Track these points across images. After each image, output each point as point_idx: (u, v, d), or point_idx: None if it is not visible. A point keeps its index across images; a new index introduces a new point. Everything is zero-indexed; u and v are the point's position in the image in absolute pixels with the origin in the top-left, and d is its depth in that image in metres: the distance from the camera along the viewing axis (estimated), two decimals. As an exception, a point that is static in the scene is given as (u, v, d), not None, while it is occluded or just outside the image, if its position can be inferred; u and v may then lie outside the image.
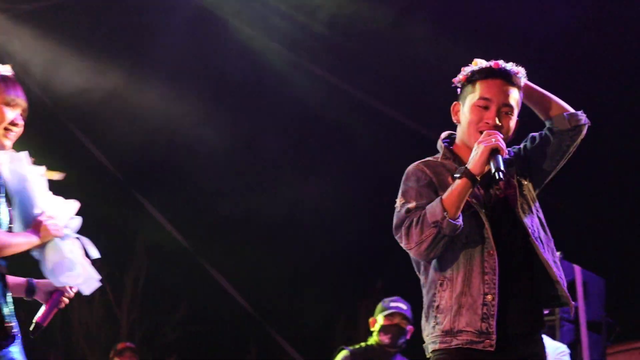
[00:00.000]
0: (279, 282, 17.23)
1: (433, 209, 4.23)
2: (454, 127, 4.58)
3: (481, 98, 4.44)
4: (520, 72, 4.51)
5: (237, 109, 14.23)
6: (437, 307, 4.31)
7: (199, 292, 17.55)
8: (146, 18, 12.81)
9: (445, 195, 4.24)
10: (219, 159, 14.66)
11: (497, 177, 4.19)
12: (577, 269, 8.66)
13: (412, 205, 4.35)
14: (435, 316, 4.31)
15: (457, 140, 4.58)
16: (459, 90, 4.57)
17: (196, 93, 13.43)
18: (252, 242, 17.27)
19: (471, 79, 4.50)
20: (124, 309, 18.50)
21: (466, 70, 4.52)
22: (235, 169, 15.40)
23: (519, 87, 4.51)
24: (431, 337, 4.34)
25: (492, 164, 4.22)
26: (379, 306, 7.81)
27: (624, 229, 14.12)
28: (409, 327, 7.71)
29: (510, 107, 4.45)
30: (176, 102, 13.13)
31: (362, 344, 7.77)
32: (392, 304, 7.72)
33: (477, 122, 4.44)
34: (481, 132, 4.39)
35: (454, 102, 4.57)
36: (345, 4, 11.85)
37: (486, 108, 4.44)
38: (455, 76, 4.61)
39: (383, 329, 7.65)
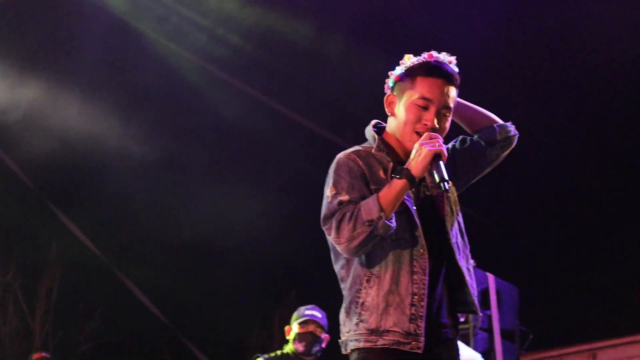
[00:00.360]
0: (193, 292, 17.12)
1: (369, 206, 4.10)
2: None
3: (421, 98, 4.29)
4: (453, 61, 4.37)
5: (156, 122, 14.13)
6: (362, 304, 4.17)
7: (113, 302, 17.39)
8: (63, 31, 12.69)
9: (382, 194, 4.11)
10: (137, 171, 14.54)
11: (442, 188, 4.09)
12: (491, 277, 8.73)
13: (344, 197, 4.20)
14: (360, 313, 4.16)
15: (389, 132, 4.43)
16: (388, 83, 4.40)
17: (114, 105, 13.31)
18: (166, 253, 17.15)
19: (410, 74, 4.33)
20: (37, 320, 18.25)
21: (405, 63, 4.35)
22: (152, 181, 15.27)
23: (457, 86, 4.37)
24: (353, 334, 4.17)
25: (435, 174, 4.10)
26: (294, 315, 7.80)
27: (536, 238, 14.30)
28: (324, 335, 7.71)
29: (449, 108, 4.32)
30: (94, 114, 13.00)
31: (278, 352, 7.75)
32: (307, 312, 7.71)
33: (415, 122, 4.29)
34: (418, 133, 4.26)
35: (388, 93, 4.40)
36: (263, 18, 11.84)
37: (425, 108, 4.28)
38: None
39: (298, 337, 7.64)
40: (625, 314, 13.98)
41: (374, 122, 4.51)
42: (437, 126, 4.26)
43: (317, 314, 7.73)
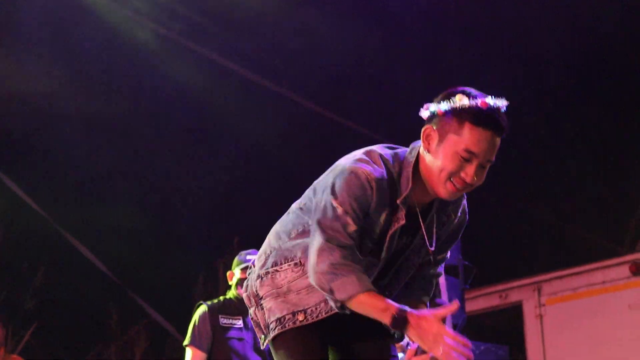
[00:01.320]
0: (137, 245, 16.94)
1: (347, 286, 3.88)
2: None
3: (466, 150, 3.91)
4: (504, 107, 3.96)
5: (99, 81, 13.87)
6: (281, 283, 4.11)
7: (57, 259, 17.14)
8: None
9: (364, 297, 3.84)
10: (79, 130, 14.30)
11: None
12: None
13: (352, 228, 3.95)
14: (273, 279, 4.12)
15: (422, 165, 4.05)
16: (429, 111, 4.00)
17: (55, 66, 13.02)
18: (108, 205, 16.92)
19: (459, 116, 3.92)
20: (-22, 279, 17.94)
21: (454, 101, 3.92)
22: (96, 139, 15.04)
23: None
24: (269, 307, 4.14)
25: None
26: (236, 260, 7.62)
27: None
28: None
29: (492, 161, 4.00)
30: (34, 74, 12.70)
31: (221, 297, 7.59)
32: (249, 257, 7.50)
33: (454, 173, 3.94)
34: (451, 182, 3.95)
35: (426, 126, 3.99)
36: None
37: (468, 160, 3.93)
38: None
39: (240, 283, 7.45)
40: (568, 246, 13.98)
41: (417, 144, 4.12)
42: (475, 180, 3.97)
43: None
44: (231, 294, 7.57)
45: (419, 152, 4.06)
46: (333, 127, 14.45)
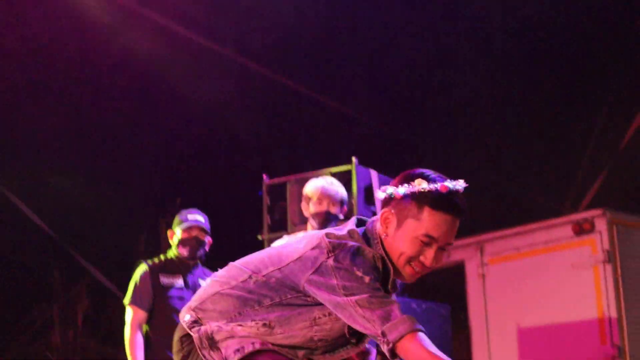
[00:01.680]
0: (79, 204, 16.72)
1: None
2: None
3: (427, 235, 3.87)
4: (463, 188, 3.92)
5: (39, 45, 13.63)
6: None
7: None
8: None
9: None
10: (21, 90, 14.07)
11: None
12: (374, 173, 8.46)
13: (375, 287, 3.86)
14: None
15: (384, 246, 3.96)
16: (386, 193, 3.91)
17: (2, 31, 12.76)
18: (50, 165, 16.65)
19: (418, 200, 3.86)
20: None
21: (413, 185, 3.85)
22: (37, 99, 14.78)
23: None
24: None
25: None
26: (176, 219, 7.57)
27: (417, 133, 14.14)
28: (207, 239, 7.51)
29: (452, 243, 3.97)
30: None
31: (162, 256, 7.53)
32: (190, 217, 7.48)
33: (414, 258, 3.90)
34: (410, 266, 3.90)
35: (384, 209, 3.90)
36: None
37: (428, 244, 3.88)
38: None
39: (181, 242, 7.43)
40: (511, 206, 13.94)
41: (356, 220, 4.08)
42: (434, 264, 3.92)
43: (200, 218, 7.50)
44: (172, 253, 7.50)
45: (380, 236, 3.99)
46: (279, 89, 14.32)
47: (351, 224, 4.07)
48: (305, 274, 3.95)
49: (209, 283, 4.16)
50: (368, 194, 8.44)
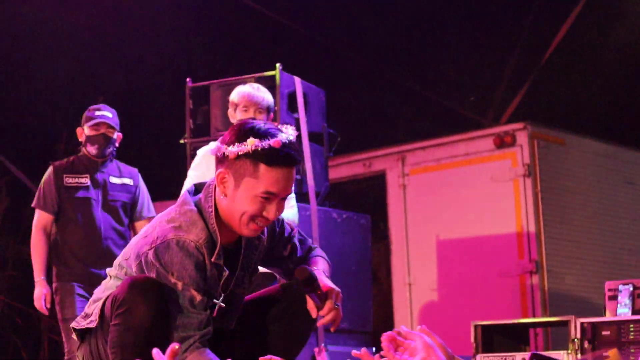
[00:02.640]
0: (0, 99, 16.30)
1: None
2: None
3: (266, 192, 3.82)
4: (294, 137, 3.91)
5: None
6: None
7: None
8: None
9: None
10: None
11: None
12: (297, 80, 8.22)
13: (199, 298, 3.89)
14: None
15: (220, 211, 3.95)
16: (220, 154, 3.85)
17: None
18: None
19: (253, 158, 3.79)
20: None
21: (245, 145, 3.78)
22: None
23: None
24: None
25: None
26: (84, 116, 7.25)
27: (343, 41, 13.88)
28: (117, 135, 7.24)
29: (290, 192, 3.98)
30: None
31: (72, 157, 7.28)
32: (97, 113, 7.17)
33: (256, 215, 3.87)
34: (254, 222, 3.89)
35: (220, 170, 3.85)
36: None
37: (268, 200, 3.84)
38: None
39: (89, 140, 7.14)
40: (432, 116, 13.82)
41: (191, 187, 4.07)
42: (277, 215, 3.94)
43: (108, 113, 7.21)
44: (81, 152, 7.25)
45: (214, 197, 3.96)
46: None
47: (187, 197, 4.07)
48: (135, 263, 4.02)
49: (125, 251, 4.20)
50: (291, 101, 8.22)
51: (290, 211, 6.62)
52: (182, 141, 8.50)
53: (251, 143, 3.78)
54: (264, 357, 3.71)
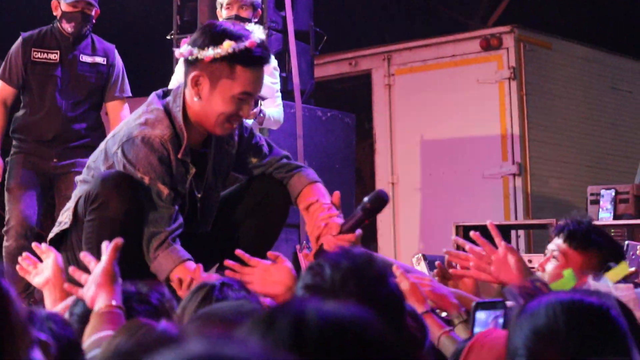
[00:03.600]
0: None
1: (164, 266, 3.89)
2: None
3: (243, 92, 3.88)
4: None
5: None
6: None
7: None
8: None
9: (178, 270, 3.83)
10: None
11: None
12: (286, -24, 8.01)
13: (165, 191, 3.94)
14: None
15: (189, 112, 3.96)
16: (192, 56, 3.85)
17: None
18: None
19: (229, 60, 3.83)
20: None
21: (220, 49, 3.80)
22: None
23: None
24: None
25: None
26: None
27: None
28: (95, 11, 6.73)
29: (259, 91, 4.08)
30: None
31: (45, 28, 6.71)
32: None
33: (232, 115, 3.93)
34: (229, 122, 3.94)
35: (194, 72, 3.86)
36: None
37: (243, 100, 3.91)
38: None
39: (65, 16, 6.62)
40: (420, 17, 13.61)
41: (160, 92, 4.09)
42: (248, 115, 4.08)
43: None
44: (54, 26, 6.71)
45: (184, 98, 3.96)
46: None
47: (154, 98, 4.06)
48: (104, 165, 4.06)
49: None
50: (278, -1, 8.04)
51: (276, 110, 6.53)
52: (169, 37, 8.33)
53: (228, 45, 3.79)
54: (237, 251, 3.72)
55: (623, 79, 10.29)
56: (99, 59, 6.87)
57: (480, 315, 2.81)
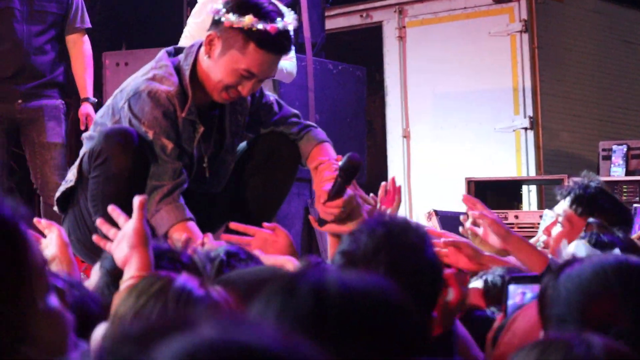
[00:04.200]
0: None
1: (165, 220, 3.85)
2: None
3: (247, 70, 3.84)
4: (292, 25, 3.91)
5: None
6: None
7: None
8: None
9: (179, 227, 3.78)
10: None
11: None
12: None
13: (170, 147, 3.90)
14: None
15: (199, 69, 3.93)
16: (217, 16, 3.81)
17: None
18: None
19: (245, 34, 3.79)
20: None
21: (242, 20, 3.75)
22: None
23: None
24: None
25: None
26: None
27: None
28: None
29: (270, 76, 4.09)
30: None
31: None
32: None
33: (231, 86, 3.89)
34: (227, 92, 3.91)
35: (211, 31, 3.80)
36: None
37: (247, 77, 3.87)
38: None
39: None
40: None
41: (170, 48, 4.07)
42: (249, 93, 3.98)
43: None
44: None
45: (196, 56, 3.93)
46: None
47: (164, 55, 4.02)
48: (110, 121, 4.01)
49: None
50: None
51: (289, 62, 6.45)
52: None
53: (249, 20, 3.75)
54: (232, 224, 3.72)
55: (635, 32, 10.16)
56: None
57: (513, 289, 2.75)
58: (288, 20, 3.87)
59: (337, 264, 2.23)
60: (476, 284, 3.21)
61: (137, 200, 2.74)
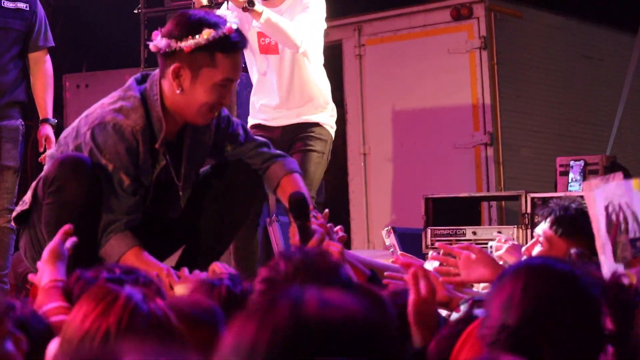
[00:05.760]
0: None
1: (115, 249, 3.83)
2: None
3: (225, 79, 3.86)
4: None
5: None
6: None
7: None
8: None
9: (132, 260, 3.70)
10: None
11: None
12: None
13: (127, 183, 3.86)
14: None
15: (167, 102, 3.86)
16: (170, 48, 3.77)
17: None
18: None
19: (209, 49, 3.79)
20: None
21: (200, 37, 3.73)
22: None
23: None
24: None
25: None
26: None
27: None
28: None
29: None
30: None
31: None
32: None
33: (216, 104, 3.89)
34: (211, 112, 3.87)
35: (174, 64, 3.77)
36: None
37: (225, 87, 3.89)
38: None
39: None
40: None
41: (139, 76, 3.98)
42: (230, 101, 4.03)
43: None
44: None
45: (160, 88, 3.87)
46: None
47: (133, 84, 3.95)
48: (73, 143, 3.97)
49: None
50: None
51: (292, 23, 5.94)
52: (136, 11, 8.17)
53: (207, 34, 3.76)
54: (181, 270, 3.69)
55: (594, 46, 10.21)
56: (22, 5, 6.26)
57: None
58: (230, 18, 3.95)
59: (259, 291, 2.35)
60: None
61: (63, 227, 3.16)
